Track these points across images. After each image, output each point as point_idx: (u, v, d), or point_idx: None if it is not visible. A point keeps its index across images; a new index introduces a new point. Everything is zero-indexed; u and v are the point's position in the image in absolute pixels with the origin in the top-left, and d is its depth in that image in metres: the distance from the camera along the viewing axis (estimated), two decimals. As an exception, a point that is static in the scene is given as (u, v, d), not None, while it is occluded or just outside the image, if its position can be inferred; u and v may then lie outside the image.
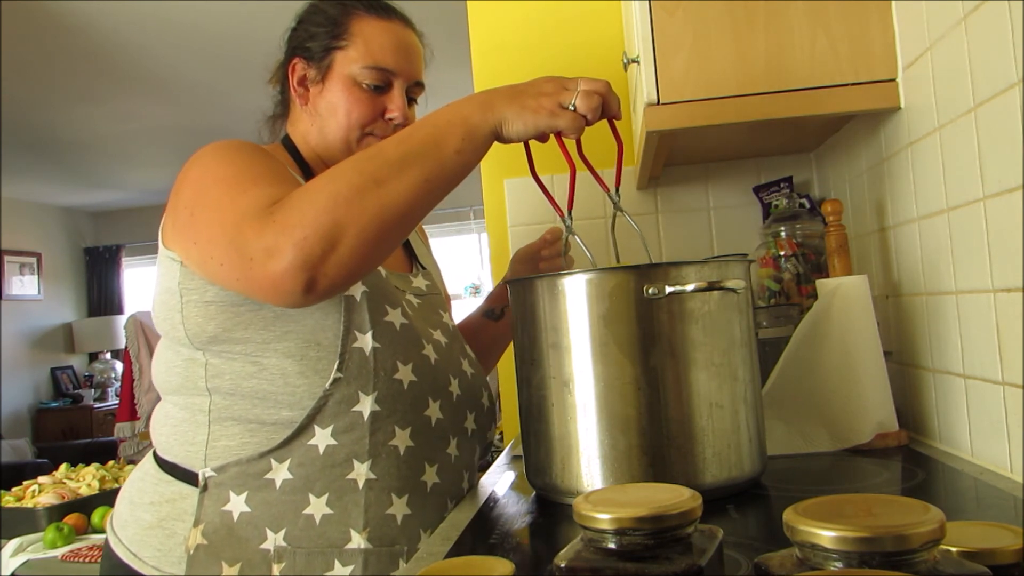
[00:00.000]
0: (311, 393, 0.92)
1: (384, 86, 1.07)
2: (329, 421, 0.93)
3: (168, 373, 0.99)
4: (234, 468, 0.93)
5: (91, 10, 3.29)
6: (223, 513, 0.92)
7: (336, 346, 0.93)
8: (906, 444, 1.05)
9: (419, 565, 0.74)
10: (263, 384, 0.93)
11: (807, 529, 0.41)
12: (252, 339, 0.93)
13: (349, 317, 0.94)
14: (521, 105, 0.85)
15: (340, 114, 1.05)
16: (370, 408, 0.93)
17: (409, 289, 1.09)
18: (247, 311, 0.93)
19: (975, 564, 0.42)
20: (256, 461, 0.92)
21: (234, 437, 0.94)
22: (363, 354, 0.94)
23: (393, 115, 1.06)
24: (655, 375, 0.84)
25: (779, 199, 1.53)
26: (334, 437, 0.93)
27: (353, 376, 0.93)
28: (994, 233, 0.83)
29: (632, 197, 1.64)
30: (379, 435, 0.94)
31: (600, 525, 0.46)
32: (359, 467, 0.93)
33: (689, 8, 1.09)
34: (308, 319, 0.93)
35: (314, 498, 0.92)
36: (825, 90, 1.08)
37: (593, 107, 0.87)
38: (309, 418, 0.92)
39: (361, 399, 0.93)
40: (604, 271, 0.87)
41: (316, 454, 0.92)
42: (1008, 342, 0.82)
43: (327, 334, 0.93)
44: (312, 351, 0.93)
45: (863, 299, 1.08)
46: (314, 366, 0.92)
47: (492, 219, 1.70)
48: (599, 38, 1.66)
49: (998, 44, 0.78)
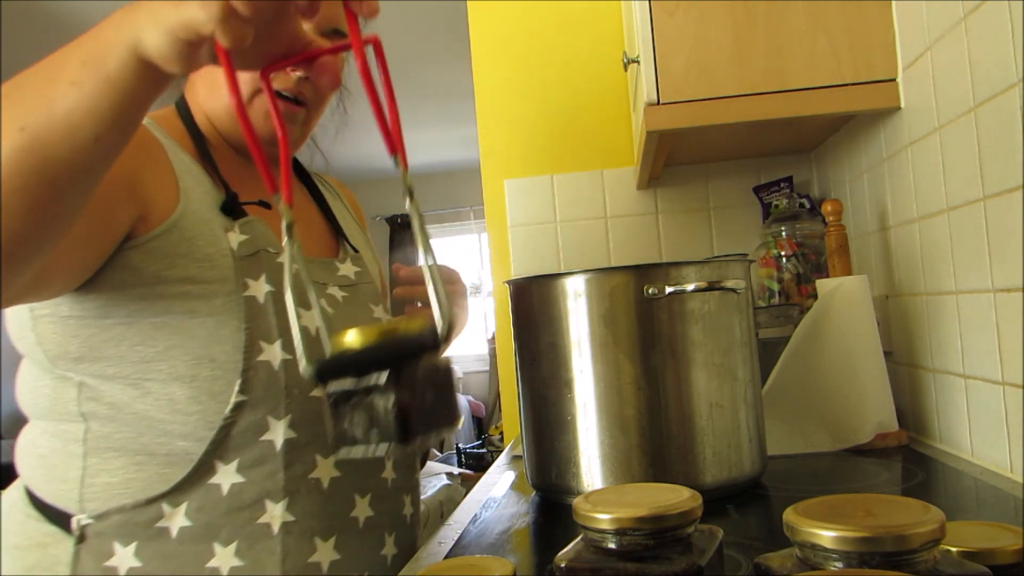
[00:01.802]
0: (207, 422, 0.76)
1: None
2: (233, 454, 0.77)
3: (34, 394, 0.81)
4: (117, 516, 0.75)
5: (91, 10, 3.29)
6: (106, 569, 0.75)
7: (236, 362, 0.76)
8: (906, 444, 1.05)
9: (418, 566, 0.74)
10: (148, 409, 0.76)
11: (807, 529, 0.41)
12: (127, 358, 0.76)
13: (252, 324, 0.77)
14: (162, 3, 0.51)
15: None
16: (283, 435, 0.78)
17: (333, 279, 0.93)
18: (117, 324, 0.75)
19: (975, 564, 0.42)
20: (144, 508, 0.75)
21: (116, 473, 0.76)
22: (271, 369, 0.77)
23: None
24: (655, 375, 0.84)
25: (779, 199, 1.53)
26: (241, 473, 0.77)
27: (260, 398, 0.77)
28: (994, 233, 0.83)
29: (632, 197, 1.64)
30: (296, 467, 0.79)
31: (600, 525, 0.46)
32: (273, 508, 0.78)
33: (689, 8, 1.09)
34: (197, 329, 0.76)
35: (220, 548, 0.76)
36: (825, 90, 1.08)
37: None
38: (208, 453, 0.76)
39: (272, 425, 0.77)
40: (604, 271, 0.87)
41: (219, 495, 0.76)
42: (1008, 342, 0.82)
43: (223, 347, 0.76)
44: (205, 370, 0.76)
45: (863, 299, 1.08)
46: (208, 388, 0.76)
47: (492, 219, 1.70)
48: (599, 38, 1.66)
49: (998, 44, 0.78)
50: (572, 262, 1.64)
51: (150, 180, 0.78)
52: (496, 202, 1.70)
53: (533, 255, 1.66)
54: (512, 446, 1.41)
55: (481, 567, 0.51)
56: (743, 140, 1.45)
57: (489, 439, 5.27)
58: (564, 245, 1.65)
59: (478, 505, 0.95)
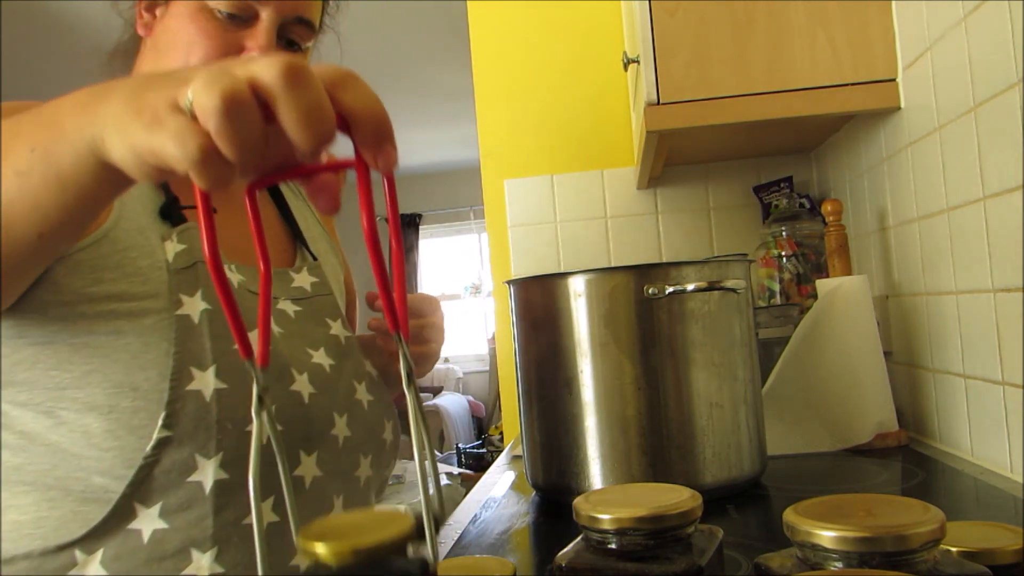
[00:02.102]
0: (126, 460, 0.66)
1: (245, 17, 0.78)
2: (156, 497, 0.67)
3: None
4: (24, 562, 0.67)
5: (91, 10, 3.29)
6: None
7: (161, 391, 0.67)
8: (906, 444, 1.05)
9: (419, 565, 0.74)
10: (63, 441, 0.67)
11: (807, 529, 0.41)
12: (40, 383, 0.67)
13: (182, 348, 0.68)
14: (135, 104, 0.41)
15: (178, 49, 0.77)
16: (214, 476, 0.68)
17: (286, 292, 0.84)
18: (31, 345, 0.67)
19: (975, 564, 0.42)
20: (54, 554, 0.67)
21: (27, 510, 0.67)
22: (201, 401, 0.68)
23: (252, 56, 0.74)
24: (655, 375, 0.84)
25: (779, 199, 1.53)
26: (164, 519, 0.67)
27: (187, 433, 0.67)
28: (994, 233, 0.83)
29: (632, 197, 1.64)
30: (228, 513, 0.69)
31: (600, 525, 0.46)
32: (200, 558, 0.68)
33: (689, 8, 1.09)
34: (119, 353, 0.67)
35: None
36: (825, 90, 1.08)
37: (222, 108, 0.37)
38: (127, 495, 0.66)
39: (200, 465, 0.68)
40: (604, 271, 0.87)
41: (139, 542, 0.67)
42: (1008, 342, 0.82)
43: (148, 374, 0.67)
44: (126, 399, 0.67)
45: (863, 299, 1.08)
46: (128, 421, 0.66)
47: (492, 219, 1.71)
48: (599, 38, 1.66)
49: (998, 44, 0.78)
50: (572, 262, 1.64)
51: None
52: (496, 202, 1.70)
53: (533, 255, 1.66)
54: (512, 446, 1.41)
55: (481, 567, 0.51)
56: (743, 140, 1.45)
57: (489, 439, 5.28)
58: (564, 245, 1.66)
59: (478, 505, 0.95)
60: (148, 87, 0.41)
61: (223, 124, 0.36)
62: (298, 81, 0.37)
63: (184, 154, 0.37)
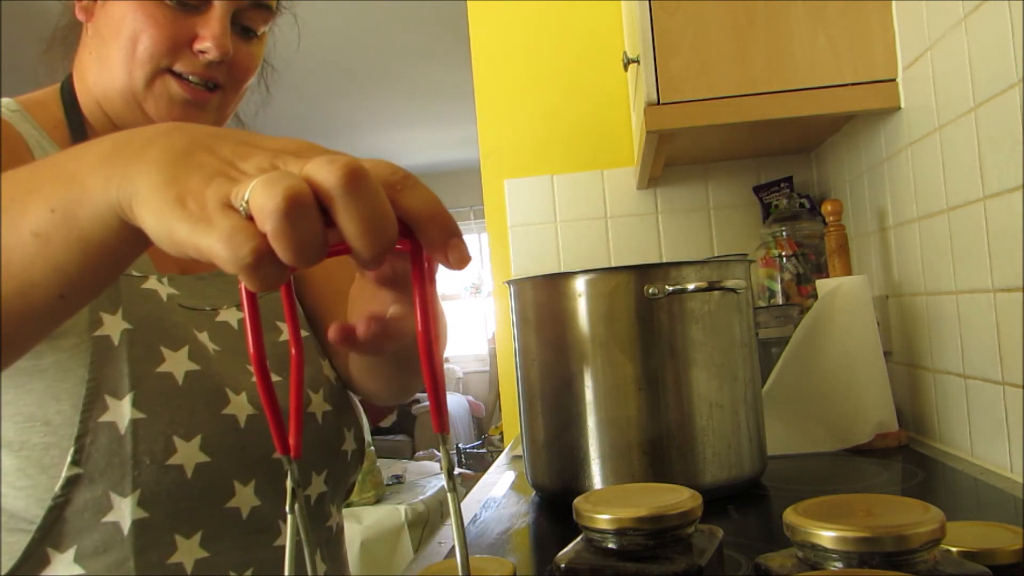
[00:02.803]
0: (38, 501, 0.61)
1: (196, 3, 0.72)
2: (70, 541, 0.62)
3: None
4: None
5: (91, 10, 3.29)
6: None
7: (73, 424, 0.61)
8: (906, 444, 1.05)
9: (419, 566, 0.74)
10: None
11: (807, 529, 0.41)
12: None
13: (98, 374, 0.63)
14: (175, 188, 0.37)
15: (123, 38, 0.70)
16: (131, 516, 0.62)
17: (232, 298, 0.77)
18: None
19: (975, 564, 0.42)
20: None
21: None
22: (115, 433, 0.62)
23: (204, 45, 0.71)
24: (655, 375, 0.84)
25: (779, 199, 1.53)
26: (80, 563, 0.62)
27: (99, 470, 0.62)
28: (994, 233, 0.83)
29: (632, 197, 1.64)
30: (151, 553, 0.64)
31: (600, 525, 0.46)
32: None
33: (689, 8, 1.09)
34: (35, 381, 0.62)
35: None
36: (825, 90, 1.08)
37: (283, 209, 0.33)
38: (37, 540, 0.61)
39: (116, 504, 0.62)
40: (604, 271, 0.87)
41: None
42: (1008, 342, 0.82)
43: (61, 405, 0.62)
44: (37, 435, 0.61)
45: (863, 299, 1.08)
46: (39, 459, 0.61)
47: (492, 219, 1.71)
48: (599, 38, 1.66)
49: (998, 44, 0.78)
50: (572, 262, 1.64)
51: None
52: (496, 202, 1.70)
53: (533, 255, 1.66)
54: (512, 446, 1.41)
55: (481, 567, 0.51)
56: (743, 140, 1.45)
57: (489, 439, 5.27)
58: (564, 245, 1.66)
59: (478, 505, 0.95)
60: (187, 162, 0.37)
61: (282, 227, 0.33)
62: (359, 187, 0.34)
63: (236, 258, 0.34)
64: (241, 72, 0.77)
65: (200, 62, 0.72)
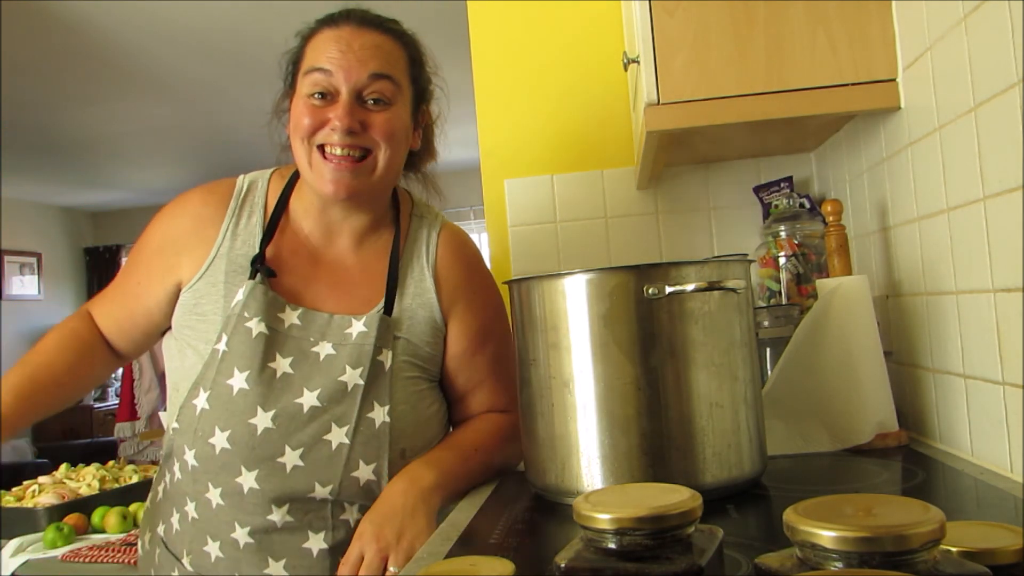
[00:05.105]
0: (169, 422, 1.07)
1: (329, 93, 1.01)
2: (180, 451, 1.03)
3: None
4: None
5: (91, 10, 3.28)
6: None
7: (183, 396, 1.06)
8: (906, 444, 1.05)
9: (419, 565, 0.74)
10: None
11: (807, 529, 0.41)
12: None
13: (205, 372, 1.02)
14: None
15: (293, 129, 1.04)
16: (190, 461, 1.01)
17: (336, 337, 1.05)
18: None
19: (975, 564, 0.42)
20: None
21: None
22: (194, 412, 1.03)
23: (333, 124, 1.00)
24: (655, 375, 0.84)
25: (779, 199, 1.53)
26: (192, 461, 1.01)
27: (182, 429, 1.02)
28: (994, 233, 0.83)
29: (632, 197, 1.64)
30: (200, 484, 1.01)
31: (600, 525, 0.46)
32: None
33: (689, 8, 1.09)
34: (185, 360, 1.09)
35: None
36: (825, 90, 1.08)
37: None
38: (171, 439, 1.05)
39: (185, 452, 1.01)
40: (604, 271, 0.87)
41: None
42: (1008, 342, 0.82)
43: (187, 383, 1.06)
44: (173, 391, 1.09)
45: (863, 299, 1.08)
46: (173, 402, 1.07)
47: (492, 219, 1.70)
48: (599, 38, 1.66)
49: (998, 44, 0.78)
50: (572, 262, 1.63)
51: None
52: (496, 202, 1.70)
53: (533, 255, 1.66)
54: (512, 446, 1.40)
55: (481, 567, 0.51)
56: (743, 140, 1.45)
57: (489, 439, 5.25)
58: (564, 245, 1.65)
59: (477, 505, 0.95)
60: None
61: None
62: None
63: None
64: (381, 135, 1.02)
65: (335, 136, 1.00)
